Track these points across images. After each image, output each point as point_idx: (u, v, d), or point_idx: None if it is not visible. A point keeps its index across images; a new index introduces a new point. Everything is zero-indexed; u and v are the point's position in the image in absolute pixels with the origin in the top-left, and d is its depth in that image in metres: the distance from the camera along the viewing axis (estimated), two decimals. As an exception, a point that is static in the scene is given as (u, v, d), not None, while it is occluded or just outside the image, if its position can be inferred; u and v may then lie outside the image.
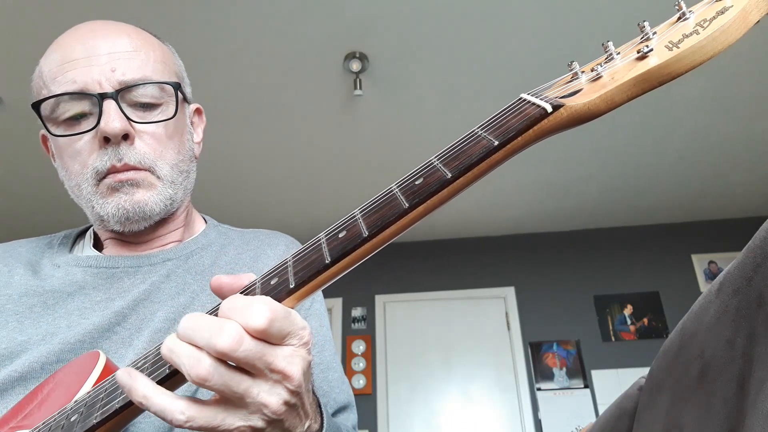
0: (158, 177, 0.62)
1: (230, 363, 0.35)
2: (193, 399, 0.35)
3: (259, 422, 0.35)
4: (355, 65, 2.26)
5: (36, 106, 0.59)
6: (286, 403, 0.36)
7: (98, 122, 0.57)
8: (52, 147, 0.65)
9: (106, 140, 0.58)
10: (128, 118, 0.59)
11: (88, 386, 0.46)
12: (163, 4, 1.94)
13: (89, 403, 0.41)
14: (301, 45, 2.19)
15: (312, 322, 0.69)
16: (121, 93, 0.59)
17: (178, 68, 0.69)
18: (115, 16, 0.71)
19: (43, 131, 0.64)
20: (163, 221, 0.67)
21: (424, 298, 3.77)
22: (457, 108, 2.60)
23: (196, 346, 0.34)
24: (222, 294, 0.40)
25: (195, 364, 0.34)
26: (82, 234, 0.73)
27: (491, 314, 3.69)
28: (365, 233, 0.37)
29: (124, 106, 0.59)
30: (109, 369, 0.49)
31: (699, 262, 3.65)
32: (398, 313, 3.76)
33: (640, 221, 3.82)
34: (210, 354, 0.34)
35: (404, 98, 2.53)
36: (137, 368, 0.41)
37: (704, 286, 3.59)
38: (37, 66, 0.64)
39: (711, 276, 3.62)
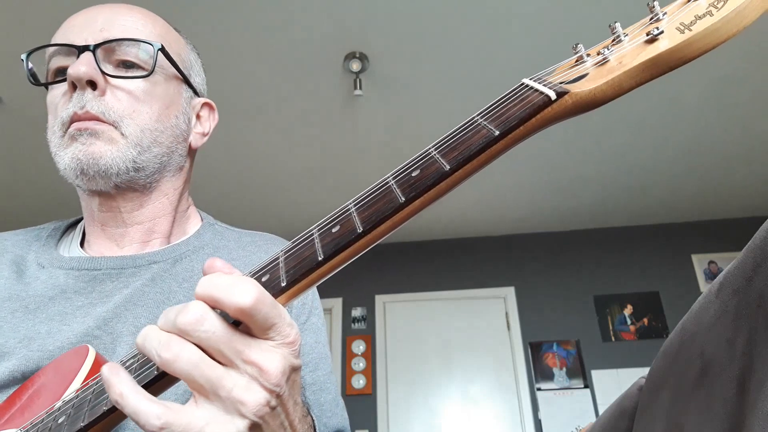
0: (122, 134, 0.59)
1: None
2: (173, 404, 0.32)
3: (241, 424, 0.32)
4: (355, 65, 2.26)
5: (28, 58, 0.62)
6: (267, 404, 0.33)
7: None
8: None
9: (74, 87, 0.57)
10: (103, 72, 0.58)
11: (77, 384, 0.45)
12: (163, 4, 1.94)
13: (77, 405, 0.40)
14: (301, 45, 2.19)
15: (307, 338, 0.65)
16: (102, 47, 0.58)
17: (185, 55, 0.68)
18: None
19: None
20: (138, 199, 0.63)
21: (424, 298, 3.77)
22: (457, 108, 2.60)
23: (166, 331, 0.33)
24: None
25: (162, 346, 0.32)
26: (73, 226, 0.70)
27: (491, 314, 3.69)
28: (360, 229, 0.36)
29: (105, 63, 0.59)
30: (98, 365, 0.47)
31: (699, 262, 3.65)
32: (398, 313, 3.76)
33: (640, 221, 3.82)
34: (178, 336, 0.32)
35: (404, 98, 2.53)
36: (126, 367, 0.39)
37: (704, 286, 3.59)
38: None
39: (711, 276, 3.62)
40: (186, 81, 0.67)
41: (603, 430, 0.75)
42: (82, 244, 0.66)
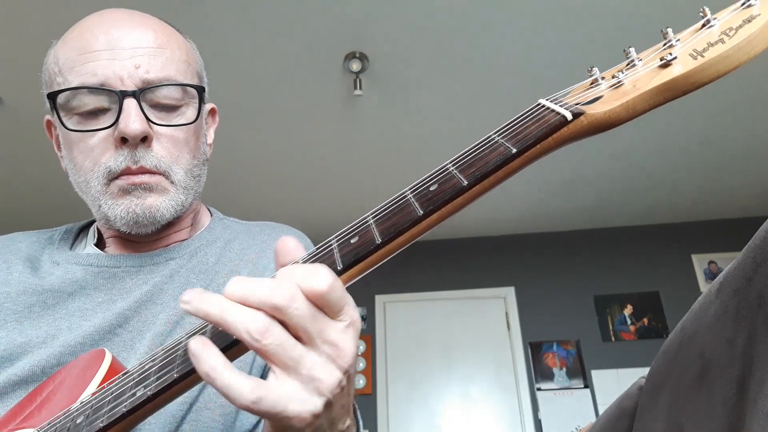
0: (172, 182, 0.60)
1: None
2: (262, 380, 0.33)
3: (318, 402, 0.33)
4: (355, 65, 2.26)
5: (52, 96, 0.56)
6: (339, 384, 0.34)
7: (116, 121, 0.55)
8: (59, 135, 0.62)
9: (123, 140, 0.56)
10: (148, 119, 0.57)
11: (93, 386, 0.45)
12: (162, 4, 1.94)
13: (95, 406, 0.41)
14: (301, 45, 2.19)
15: None
16: (143, 92, 0.56)
17: (200, 67, 0.67)
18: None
19: (49, 117, 0.62)
20: (170, 224, 0.65)
21: (424, 298, 3.77)
22: (456, 108, 2.60)
23: (249, 305, 0.33)
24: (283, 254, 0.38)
25: (252, 320, 0.32)
26: (85, 229, 0.71)
27: (491, 314, 3.69)
28: (378, 240, 0.36)
29: (144, 105, 0.57)
30: (114, 368, 0.48)
31: (699, 262, 3.65)
32: (398, 313, 3.76)
33: (640, 221, 3.82)
34: (266, 312, 0.33)
35: (404, 98, 2.53)
36: (145, 369, 0.40)
37: (704, 286, 3.59)
38: (51, 49, 0.60)
39: (711, 276, 3.62)
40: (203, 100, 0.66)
41: (603, 430, 0.75)
42: (97, 244, 0.68)
